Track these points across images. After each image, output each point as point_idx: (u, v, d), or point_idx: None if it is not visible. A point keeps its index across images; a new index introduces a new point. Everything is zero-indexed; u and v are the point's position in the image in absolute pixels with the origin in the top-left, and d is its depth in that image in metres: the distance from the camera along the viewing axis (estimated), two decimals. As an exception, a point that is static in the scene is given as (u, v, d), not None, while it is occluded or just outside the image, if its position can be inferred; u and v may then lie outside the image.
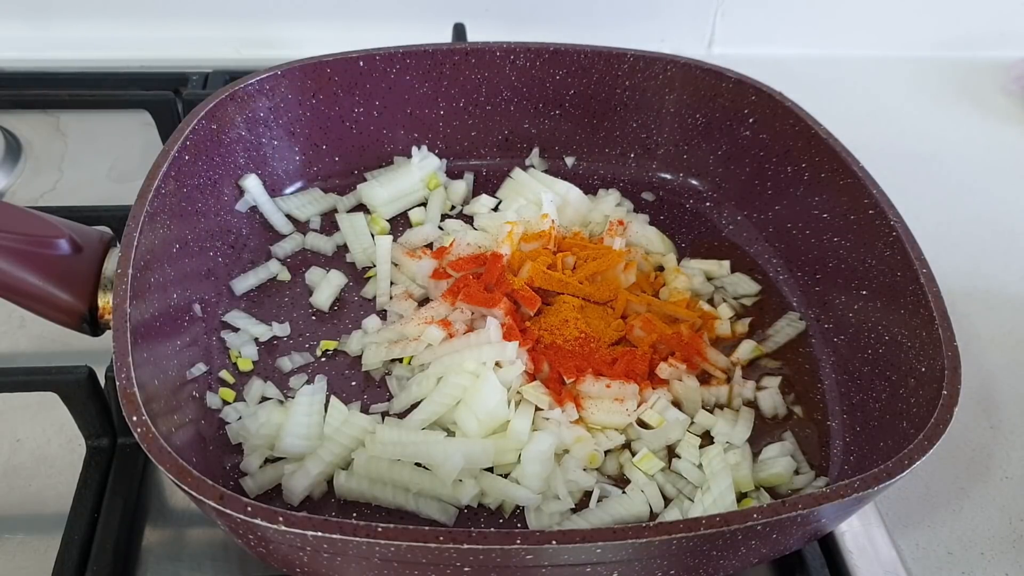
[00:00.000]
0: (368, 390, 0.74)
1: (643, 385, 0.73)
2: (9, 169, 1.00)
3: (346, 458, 0.67)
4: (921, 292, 0.68)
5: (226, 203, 0.83)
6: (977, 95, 1.24)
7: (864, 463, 0.67)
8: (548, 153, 0.95)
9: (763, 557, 0.61)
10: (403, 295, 0.80)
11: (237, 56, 1.20)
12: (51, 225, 0.65)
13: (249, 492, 0.66)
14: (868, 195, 0.75)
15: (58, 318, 0.65)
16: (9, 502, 0.69)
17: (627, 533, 0.50)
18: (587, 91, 0.92)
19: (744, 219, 0.91)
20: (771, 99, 0.85)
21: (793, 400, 0.76)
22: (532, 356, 0.74)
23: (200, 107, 0.78)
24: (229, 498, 0.50)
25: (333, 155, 0.91)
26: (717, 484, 0.66)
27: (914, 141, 1.14)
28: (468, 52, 0.89)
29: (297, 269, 0.84)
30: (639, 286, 0.82)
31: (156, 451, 0.52)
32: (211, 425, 0.70)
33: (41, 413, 0.74)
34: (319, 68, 0.85)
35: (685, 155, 0.94)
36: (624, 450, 0.71)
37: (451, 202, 0.92)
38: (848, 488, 0.54)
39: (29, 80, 1.09)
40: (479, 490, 0.66)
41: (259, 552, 0.55)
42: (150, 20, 1.17)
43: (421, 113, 0.91)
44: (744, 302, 0.84)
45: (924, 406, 0.63)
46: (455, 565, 0.51)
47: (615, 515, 0.66)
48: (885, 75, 1.27)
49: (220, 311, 0.78)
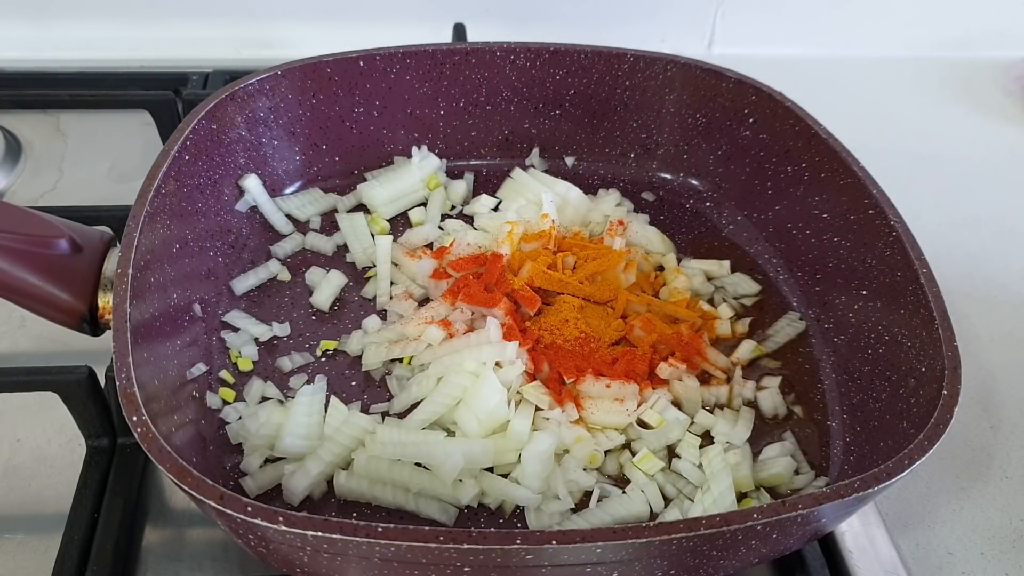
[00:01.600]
0: (368, 390, 0.74)
1: (643, 385, 0.73)
2: (9, 169, 1.00)
3: (346, 458, 0.67)
4: (921, 292, 0.68)
5: (226, 203, 0.83)
6: (977, 95, 1.24)
7: (864, 463, 0.67)
8: (548, 153, 0.95)
9: (763, 557, 0.61)
10: (403, 295, 0.80)
11: (237, 56, 1.20)
12: (51, 225, 0.65)
13: (249, 492, 0.66)
14: (868, 195, 0.75)
15: (58, 318, 0.65)
16: (9, 502, 0.69)
17: (627, 533, 0.50)
18: (587, 91, 0.92)
19: (744, 219, 0.91)
20: (771, 99, 0.85)
21: (793, 400, 0.76)
22: (532, 356, 0.74)
23: (200, 107, 0.78)
24: (229, 498, 0.50)
25: (333, 155, 0.91)
26: (717, 484, 0.66)
27: (914, 141, 1.14)
28: (468, 52, 0.89)
29: (297, 269, 0.84)
30: (639, 286, 0.82)
31: (156, 451, 0.52)
32: (211, 425, 0.70)
33: (41, 413, 0.74)
34: (319, 68, 0.85)
35: (685, 155, 0.94)
36: (624, 450, 0.71)
37: (451, 202, 0.92)
38: (848, 488, 0.54)
39: (29, 80, 1.09)
40: (479, 490, 0.66)
41: (259, 552, 0.55)
42: (150, 20, 1.17)
43: (421, 113, 0.91)
44: (744, 302, 0.84)
45: (924, 406, 0.63)
46: (455, 565, 0.51)
47: (615, 515, 0.66)
48: (885, 75, 1.27)
49: (220, 311, 0.78)
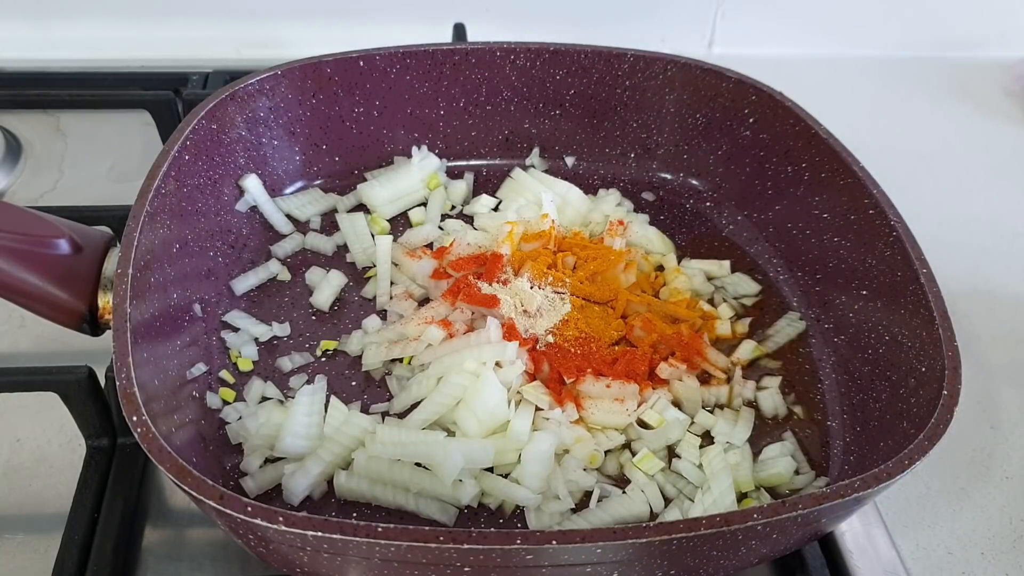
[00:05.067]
0: (368, 390, 0.74)
1: (643, 385, 0.73)
2: (9, 169, 1.00)
3: (346, 458, 0.67)
4: (921, 292, 0.68)
5: (226, 203, 0.83)
6: (977, 95, 1.24)
7: (864, 463, 0.67)
8: (548, 153, 0.95)
9: (763, 557, 0.61)
10: (403, 295, 0.80)
11: (237, 56, 1.20)
12: (51, 225, 0.65)
13: (249, 492, 0.66)
14: (868, 195, 0.75)
15: (58, 318, 0.65)
16: (9, 502, 0.69)
17: (627, 533, 0.50)
18: (587, 91, 0.92)
19: (744, 219, 0.91)
20: (771, 99, 0.85)
21: (793, 400, 0.76)
22: (532, 356, 0.74)
23: (200, 107, 0.78)
24: (229, 498, 0.50)
25: (333, 155, 0.91)
26: (717, 484, 0.66)
27: (914, 141, 1.14)
28: (468, 52, 0.89)
29: (297, 269, 0.84)
30: (639, 286, 0.82)
31: (156, 451, 0.52)
32: (211, 425, 0.70)
33: (41, 413, 0.74)
34: (319, 68, 0.85)
35: (685, 155, 0.94)
36: (624, 450, 0.71)
37: (451, 202, 0.92)
38: (848, 488, 0.54)
39: (29, 80, 1.09)
40: (479, 490, 0.66)
41: (259, 552, 0.55)
42: (150, 20, 1.17)
43: (421, 113, 0.91)
44: (744, 302, 0.84)
45: (924, 406, 0.63)
46: (455, 565, 0.51)
47: (615, 515, 0.66)
48: (885, 75, 1.27)
49: (220, 311, 0.78)
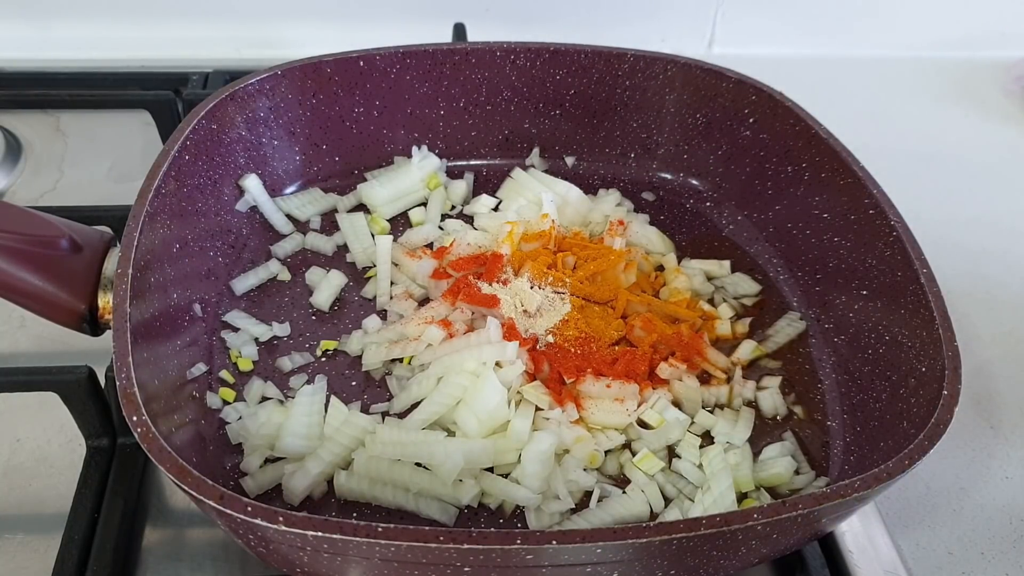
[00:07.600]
0: (368, 390, 0.74)
1: (643, 385, 0.73)
2: (9, 169, 1.00)
3: (346, 458, 0.67)
4: (921, 292, 0.68)
5: (226, 203, 0.83)
6: (977, 95, 1.24)
7: (864, 463, 0.67)
8: (548, 153, 0.95)
9: (763, 557, 0.61)
10: (403, 295, 0.80)
11: (237, 56, 1.20)
12: (51, 225, 0.65)
13: (249, 492, 0.66)
14: (868, 195, 0.75)
15: (58, 318, 0.65)
16: (9, 502, 0.69)
17: (627, 533, 0.50)
18: (587, 91, 0.92)
19: (744, 219, 0.91)
20: (771, 99, 0.85)
21: (793, 400, 0.76)
22: (532, 356, 0.74)
23: (200, 107, 0.78)
24: (229, 498, 0.50)
25: (333, 155, 0.91)
26: (717, 484, 0.66)
27: (914, 141, 1.14)
28: (468, 52, 0.89)
29: (297, 269, 0.84)
30: (639, 286, 0.82)
31: (156, 451, 0.52)
32: (211, 425, 0.70)
33: (41, 413, 0.74)
34: (319, 68, 0.85)
35: (685, 155, 0.94)
36: (624, 450, 0.71)
37: (451, 202, 0.92)
38: (848, 488, 0.54)
39: (29, 80, 1.09)
40: (479, 490, 0.66)
41: (259, 552, 0.55)
42: (150, 20, 1.17)
43: (421, 113, 0.91)
44: (744, 302, 0.84)
45: (924, 406, 0.63)
46: (455, 565, 0.51)
47: (615, 515, 0.66)
48: (885, 75, 1.27)
49: (220, 311, 0.78)
